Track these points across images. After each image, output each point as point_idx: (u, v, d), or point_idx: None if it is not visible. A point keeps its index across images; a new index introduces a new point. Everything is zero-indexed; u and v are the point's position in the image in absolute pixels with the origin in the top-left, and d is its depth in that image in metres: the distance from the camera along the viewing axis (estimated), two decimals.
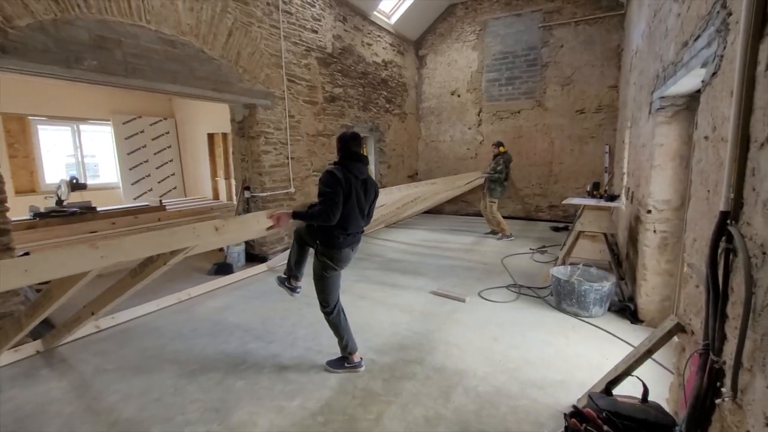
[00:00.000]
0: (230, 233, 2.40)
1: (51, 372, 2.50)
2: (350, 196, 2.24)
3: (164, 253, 2.25)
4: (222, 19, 4.06)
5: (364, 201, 2.37)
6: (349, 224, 2.29)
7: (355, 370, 2.47)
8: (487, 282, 4.13)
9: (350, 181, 2.24)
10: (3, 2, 2.53)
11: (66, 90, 6.14)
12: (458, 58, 8.05)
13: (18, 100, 5.61)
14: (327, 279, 2.40)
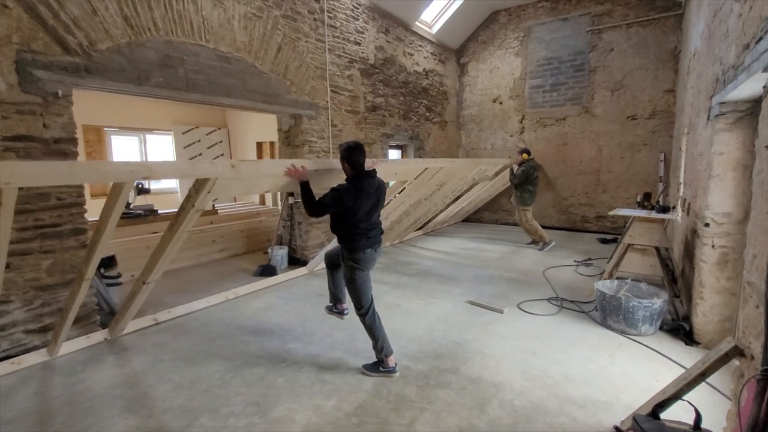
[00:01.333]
0: (245, 171, 2.51)
1: (116, 359, 2.76)
2: (360, 208, 2.41)
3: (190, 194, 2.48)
4: (272, 35, 4.33)
5: (379, 206, 2.56)
6: (366, 229, 2.47)
7: (390, 375, 2.51)
8: (527, 294, 4.02)
9: (361, 198, 2.40)
10: (88, 29, 2.88)
11: (135, 104, 6.79)
12: (500, 65, 7.94)
13: (95, 113, 6.28)
14: (356, 281, 2.51)
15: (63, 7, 2.74)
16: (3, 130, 2.52)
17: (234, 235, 5.73)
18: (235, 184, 2.70)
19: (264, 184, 2.96)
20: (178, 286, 4.34)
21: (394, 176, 4.39)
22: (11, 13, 2.53)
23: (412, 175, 4.49)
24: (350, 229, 2.44)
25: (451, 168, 4.94)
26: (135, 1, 3.13)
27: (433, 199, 5.78)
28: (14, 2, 2.53)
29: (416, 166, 4.42)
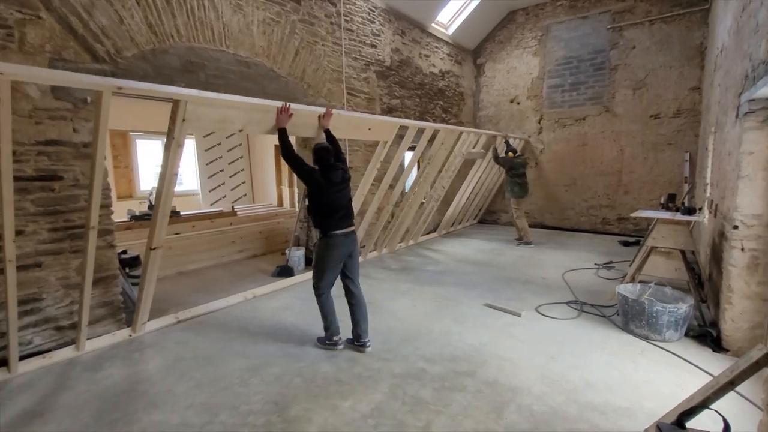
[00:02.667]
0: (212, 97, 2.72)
1: (140, 356, 2.85)
2: (325, 194, 2.78)
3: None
4: (290, 39, 4.40)
5: (344, 196, 2.88)
6: (335, 210, 2.81)
7: (333, 348, 2.89)
8: (546, 297, 3.95)
9: (329, 187, 2.78)
10: (115, 37, 3.00)
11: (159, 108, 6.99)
12: (518, 65, 7.85)
13: (122, 118, 6.50)
14: (323, 261, 2.84)
15: (92, 16, 2.86)
16: (36, 135, 2.64)
17: (253, 236, 5.84)
18: (207, 112, 2.77)
19: (235, 117, 2.94)
20: (199, 286, 4.45)
21: (369, 132, 4.25)
22: (44, 24, 2.65)
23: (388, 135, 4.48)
24: (323, 210, 2.80)
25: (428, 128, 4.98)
26: (159, 9, 3.24)
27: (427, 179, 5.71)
28: (47, 13, 2.66)
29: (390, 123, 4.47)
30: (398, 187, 5.31)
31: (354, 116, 3.98)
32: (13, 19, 2.52)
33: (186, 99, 2.55)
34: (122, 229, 4.61)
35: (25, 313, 2.65)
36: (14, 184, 2.50)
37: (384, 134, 4.45)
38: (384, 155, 4.65)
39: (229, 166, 8.06)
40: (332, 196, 2.79)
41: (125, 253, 3.88)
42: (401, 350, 2.89)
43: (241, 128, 3.04)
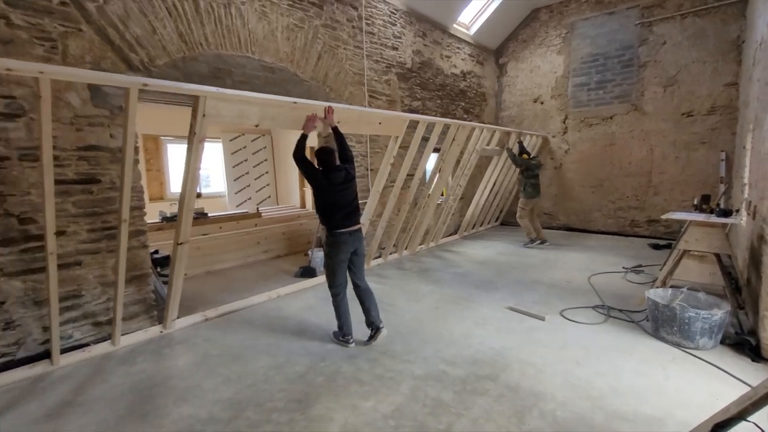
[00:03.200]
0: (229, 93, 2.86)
1: (171, 351, 2.97)
2: (327, 194, 2.91)
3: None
4: (313, 44, 4.48)
5: (348, 198, 2.97)
6: (336, 218, 2.92)
7: (345, 345, 3.01)
8: (571, 301, 3.86)
9: (330, 187, 2.90)
10: (149, 47, 3.14)
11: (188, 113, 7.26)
12: (542, 63, 7.70)
13: (154, 123, 6.79)
14: (332, 261, 2.97)
15: (128, 28, 3.01)
16: (77, 141, 2.80)
17: (276, 237, 5.97)
18: (225, 107, 2.88)
19: (251, 113, 3.07)
20: (226, 285, 4.59)
21: (379, 126, 4.26)
22: (85, 36, 2.81)
23: (399, 129, 4.51)
24: (325, 209, 2.93)
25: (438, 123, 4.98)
26: (189, 18, 3.37)
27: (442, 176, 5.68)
28: (87, 26, 2.82)
29: (399, 117, 4.48)
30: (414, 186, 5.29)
31: (364, 111, 4.05)
32: (57, 33, 2.69)
33: (205, 95, 2.68)
34: (154, 229, 4.80)
35: (66, 308, 2.81)
36: (57, 187, 2.67)
37: (394, 129, 4.47)
38: (396, 150, 4.68)
39: (254, 168, 8.27)
40: (334, 196, 2.92)
41: (157, 252, 4.04)
42: (422, 352, 2.89)
43: (257, 123, 3.14)
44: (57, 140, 2.71)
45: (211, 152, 8.26)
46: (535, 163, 6.31)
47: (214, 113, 2.79)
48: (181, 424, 2.13)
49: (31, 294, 2.65)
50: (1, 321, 2.55)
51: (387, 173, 4.71)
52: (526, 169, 6.22)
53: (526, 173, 6.22)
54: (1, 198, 2.52)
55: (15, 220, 2.57)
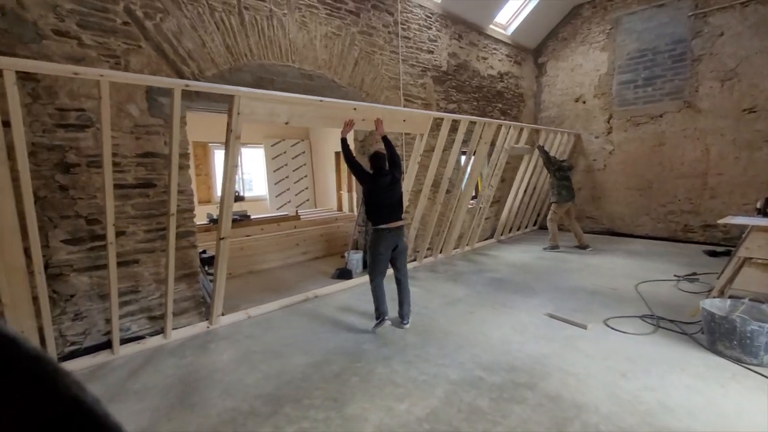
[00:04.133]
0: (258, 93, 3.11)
1: (216, 347, 3.14)
2: (374, 195, 3.29)
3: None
4: (350, 51, 4.59)
5: (394, 197, 3.34)
6: (380, 215, 3.28)
7: (380, 324, 3.29)
8: (616, 309, 3.68)
9: (378, 187, 3.28)
10: (199, 60, 3.36)
11: None
12: (583, 61, 7.40)
13: (201, 131, 7.20)
14: (373, 253, 3.32)
15: (180, 43, 3.23)
16: (136, 149, 3.05)
17: (314, 239, 6.13)
18: (258, 106, 3.10)
19: (281, 111, 3.27)
20: (267, 285, 4.77)
21: (403, 123, 4.39)
22: (143, 52, 3.06)
23: (423, 127, 4.61)
24: (371, 206, 3.30)
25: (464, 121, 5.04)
26: (235, 31, 3.57)
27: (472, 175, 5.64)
28: (146, 42, 3.06)
29: (423, 115, 4.61)
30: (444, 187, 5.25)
31: (387, 109, 4.20)
32: (120, 50, 2.94)
33: (239, 95, 2.93)
34: (202, 231, 5.09)
35: (124, 303, 3.05)
36: (118, 191, 2.92)
37: (418, 126, 4.57)
38: (422, 149, 4.77)
39: (294, 172, 8.55)
40: (380, 195, 3.28)
41: (205, 252, 4.28)
42: (457, 356, 2.87)
43: (287, 120, 3.33)
44: (118, 147, 2.96)
45: (253, 157, 8.64)
46: (567, 165, 6.23)
47: (247, 111, 3.02)
48: (225, 416, 2.25)
49: (96, 289, 2.91)
50: (71, 312, 2.82)
51: (415, 173, 4.79)
52: (558, 170, 6.10)
53: (558, 174, 6.09)
54: (72, 201, 2.79)
55: (83, 221, 2.83)
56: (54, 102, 2.69)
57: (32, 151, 2.58)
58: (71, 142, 2.76)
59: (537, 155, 6.57)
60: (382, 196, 3.27)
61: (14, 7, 2.52)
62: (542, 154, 6.26)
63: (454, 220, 5.68)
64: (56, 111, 2.70)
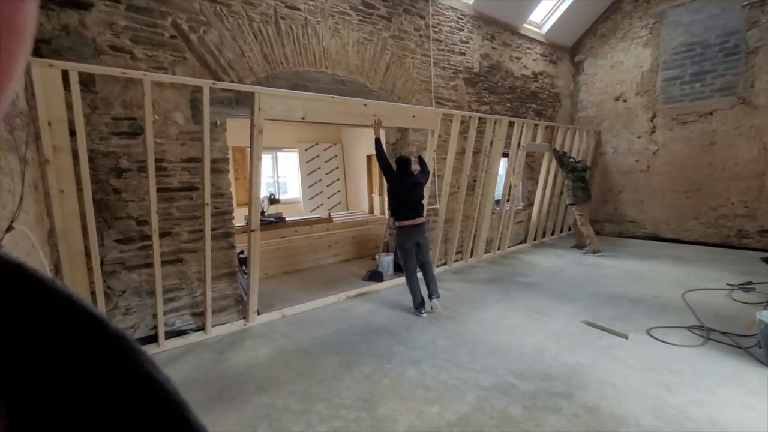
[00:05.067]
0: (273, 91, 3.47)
1: (252, 344, 3.27)
2: (398, 192, 3.69)
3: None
4: (381, 56, 4.64)
5: (415, 197, 3.72)
6: (404, 213, 3.70)
7: (419, 314, 3.70)
8: (660, 319, 3.48)
9: (401, 186, 3.68)
10: (238, 69, 3.52)
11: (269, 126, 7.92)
12: (624, 58, 7.07)
13: (240, 136, 7.49)
14: (402, 247, 3.73)
15: (222, 53, 3.41)
16: (181, 154, 3.24)
17: (346, 241, 6.23)
18: (276, 102, 3.33)
19: (297, 107, 3.48)
20: (301, 285, 4.90)
21: (413, 119, 4.50)
22: (188, 63, 3.25)
23: (433, 123, 4.72)
24: (394, 202, 3.74)
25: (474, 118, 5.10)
26: (272, 41, 3.71)
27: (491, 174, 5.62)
28: (190, 54, 3.25)
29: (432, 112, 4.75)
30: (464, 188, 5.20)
31: (397, 105, 4.37)
32: (168, 61, 3.14)
33: (259, 93, 3.19)
34: (240, 232, 5.30)
35: (169, 299, 3.24)
36: (165, 194, 3.11)
37: (428, 122, 4.69)
38: (435, 145, 4.86)
39: (327, 176, 8.73)
40: (403, 194, 3.68)
41: (242, 253, 4.46)
42: (489, 362, 2.82)
43: (303, 115, 3.53)
44: (165, 153, 3.16)
45: (288, 161, 8.90)
46: (581, 166, 6.15)
47: (267, 107, 3.26)
48: (260, 412, 2.34)
49: (144, 285, 3.11)
50: (123, 307, 3.03)
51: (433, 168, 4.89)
52: (571, 171, 6.04)
53: (573, 176, 6.04)
54: (124, 203, 3.00)
55: (134, 222, 3.04)
56: (109, 112, 2.92)
57: (90, 157, 2.80)
58: (124, 148, 2.98)
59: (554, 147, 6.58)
60: (405, 195, 3.66)
61: (77, 26, 2.76)
62: (554, 156, 6.26)
63: (479, 221, 5.63)
64: (111, 120, 2.93)
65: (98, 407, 0.18)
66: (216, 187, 3.43)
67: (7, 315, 0.18)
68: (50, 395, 0.17)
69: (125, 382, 0.19)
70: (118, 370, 0.20)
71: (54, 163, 2.47)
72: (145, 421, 0.19)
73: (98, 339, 0.20)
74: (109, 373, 0.19)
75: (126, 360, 0.20)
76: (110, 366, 0.19)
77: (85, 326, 0.19)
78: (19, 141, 1.47)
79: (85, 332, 0.19)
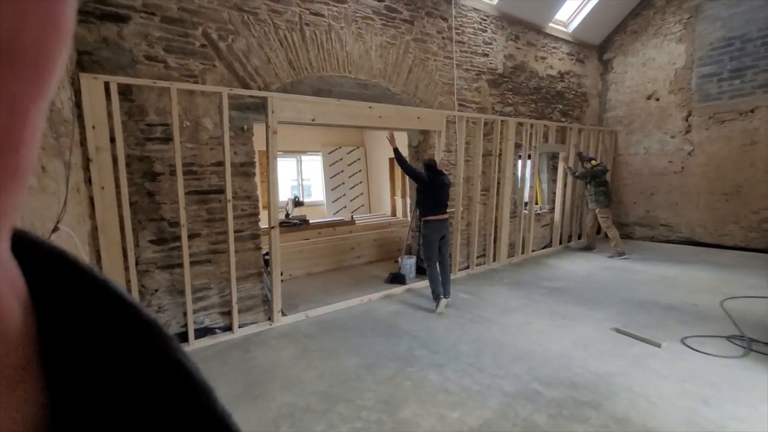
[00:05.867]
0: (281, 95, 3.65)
1: (277, 343, 3.33)
2: (428, 190, 3.96)
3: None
4: (404, 59, 4.66)
5: (443, 196, 4.01)
6: (431, 209, 3.95)
7: (436, 304, 3.91)
8: (696, 327, 3.32)
9: (432, 185, 3.95)
10: (265, 75, 3.62)
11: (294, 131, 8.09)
12: (657, 55, 6.80)
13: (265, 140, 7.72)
14: (426, 240, 3.97)
15: (249, 60, 3.51)
16: (210, 158, 3.36)
17: (369, 243, 6.27)
18: (286, 105, 3.59)
19: (306, 109, 3.72)
20: (323, 287, 4.96)
21: (418, 120, 4.62)
22: (217, 71, 3.36)
23: (439, 124, 4.80)
24: (425, 202, 3.97)
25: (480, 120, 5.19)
26: (297, 47, 3.80)
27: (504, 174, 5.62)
28: (219, 62, 3.37)
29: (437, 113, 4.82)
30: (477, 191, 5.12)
31: (401, 107, 4.49)
32: (198, 69, 3.27)
33: (272, 97, 3.47)
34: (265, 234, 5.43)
35: (198, 299, 3.35)
36: (195, 196, 3.24)
37: (433, 123, 4.77)
38: (443, 145, 4.90)
39: (349, 179, 8.82)
40: (433, 191, 3.95)
41: (268, 254, 4.56)
42: (513, 368, 2.77)
43: (312, 118, 3.77)
44: (196, 157, 3.28)
45: (312, 164, 9.05)
46: (601, 169, 6.03)
47: (279, 110, 3.51)
48: (283, 410, 2.38)
49: (176, 285, 3.23)
50: (155, 306, 3.16)
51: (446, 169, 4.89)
52: (592, 178, 5.95)
53: (594, 182, 5.95)
54: (157, 205, 3.14)
55: (166, 224, 3.17)
56: (144, 119, 3.06)
57: (127, 162, 2.95)
58: (157, 153, 3.12)
59: (573, 153, 6.52)
60: (434, 193, 3.96)
61: (115, 38, 2.92)
62: (570, 174, 6.27)
63: (500, 224, 5.57)
64: (146, 126, 3.07)
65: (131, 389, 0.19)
66: (243, 190, 3.54)
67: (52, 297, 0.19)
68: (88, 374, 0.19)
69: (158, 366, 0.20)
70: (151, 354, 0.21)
71: (96, 162, 2.78)
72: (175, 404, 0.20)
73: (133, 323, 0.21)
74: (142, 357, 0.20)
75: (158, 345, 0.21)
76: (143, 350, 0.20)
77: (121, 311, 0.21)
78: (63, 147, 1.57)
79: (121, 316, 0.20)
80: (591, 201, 6.09)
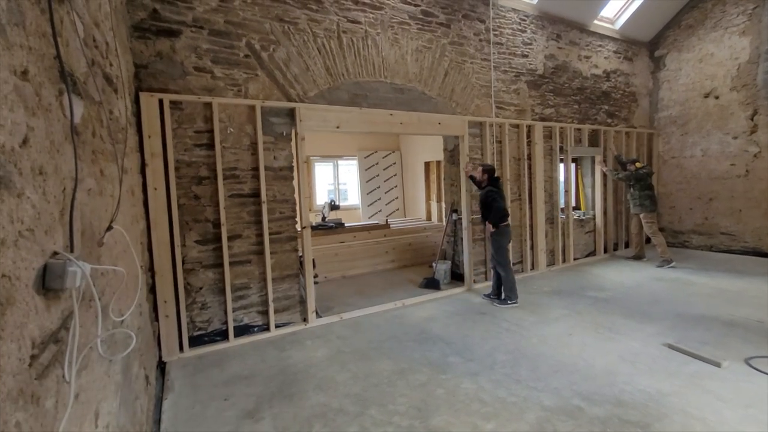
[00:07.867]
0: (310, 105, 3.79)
1: (312, 343, 3.39)
2: (503, 201, 4.22)
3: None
4: (440, 62, 4.63)
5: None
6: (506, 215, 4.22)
7: (515, 304, 4.14)
8: (763, 347, 3.01)
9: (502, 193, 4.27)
10: (303, 82, 3.73)
11: (331, 137, 8.28)
12: (716, 50, 6.30)
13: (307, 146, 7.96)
14: (503, 246, 4.22)
15: (288, 69, 3.64)
16: (252, 163, 3.50)
17: (403, 247, 6.26)
18: (312, 114, 3.75)
19: (330, 117, 3.86)
20: (358, 290, 5.01)
21: (439, 126, 4.62)
22: (258, 79, 3.51)
23: (460, 129, 4.78)
24: (502, 213, 4.16)
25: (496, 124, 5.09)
26: (334, 54, 3.89)
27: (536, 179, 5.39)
28: (261, 71, 3.52)
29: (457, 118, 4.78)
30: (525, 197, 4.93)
31: (423, 114, 4.51)
32: (242, 79, 3.43)
33: (299, 107, 3.67)
34: None
35: (238, 298, 3.49)
36: (236, 199, 3.39)
37: (454, 129, 4.76)
38: (468, 149, 4.85)
39: (385, 183, 8.88)
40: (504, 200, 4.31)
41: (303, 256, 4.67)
42: (552, 381, 2.64)
43: (337, 125, 3.91)
44: (239, 162, 3.43)
45: (348, 169, 9.20)
46: (646, 172, 5.78)
47: (306, 119, 3.71)
48: (317, 410, 2.42)
49: (218, 283, 3.39)
50: (200, 302, 3.32)
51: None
52: (637, 181, 5.66)
53: (638, 185, 5.66)
54: (203, 208, 3.31)
55: (210, 225, 3.34)
56: (192, 126, 3.25)
57: (176, 167, 3.15)
58: (203, 158, 3.29)
59: (610, 156, 6.27)
60: (505, 201, 4.30)
61: (168, 51, 3.13)
62: (612, 175, 6.06)
63: (535, 230, 5.42)
64: (194, 133, 3.26)
65: None
66: (281, 194, 3.65)
67: None
68: None
69: None
70: None
71: (151, 166, 3.08)
72: None
73: None
74: None
75: None
76: None
77: None
78: (119, 153, 1.70)
79: None
80: (635, 205, 5.81)
